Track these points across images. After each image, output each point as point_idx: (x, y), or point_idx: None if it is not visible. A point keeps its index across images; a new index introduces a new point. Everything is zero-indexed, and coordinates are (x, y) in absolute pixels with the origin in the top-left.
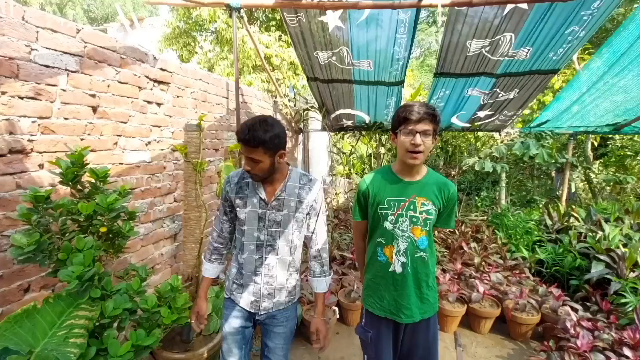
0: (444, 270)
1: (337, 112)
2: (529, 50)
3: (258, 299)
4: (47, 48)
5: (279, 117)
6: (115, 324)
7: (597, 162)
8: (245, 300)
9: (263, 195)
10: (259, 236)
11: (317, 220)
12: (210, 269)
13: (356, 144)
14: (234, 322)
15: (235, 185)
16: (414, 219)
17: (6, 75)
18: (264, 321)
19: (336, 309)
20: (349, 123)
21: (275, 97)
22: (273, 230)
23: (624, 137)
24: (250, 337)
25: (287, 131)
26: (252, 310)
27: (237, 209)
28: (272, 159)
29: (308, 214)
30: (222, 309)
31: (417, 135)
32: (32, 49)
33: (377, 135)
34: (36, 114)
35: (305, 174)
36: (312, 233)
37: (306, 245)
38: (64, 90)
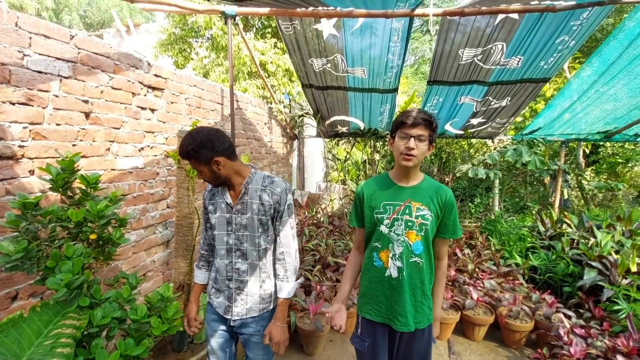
0: None
1: (332, 119)
2: (520, 59)
3: (230, 304)
4: (40, 54)
5: (274, 123)
6: (104, 333)
7: (589, 169)
8: (220, 304)
9: (229, 200)
10: (228, 240)
11: (281, 223)
12: (199, 275)
13: (351, 150)
14: (213, 325)
15: (209, 192)
16: (409, 223)
17: None
18: (240, 329)
19: None
20: (344, 129)
21: (270, 104)
22: (240, 234)
23: (615, 144)
24: (233, 343)
25: (282, 137)
26: (226, 316)
27: (210, 214)
28: (209, 167)
29: (273, 216)
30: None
31: (412, 139)
32: (25, 55)
33: (371, 142)
34: (27, 120)
35: (270, 176)
36: (277, 236)
37: None
38: (56, 96)
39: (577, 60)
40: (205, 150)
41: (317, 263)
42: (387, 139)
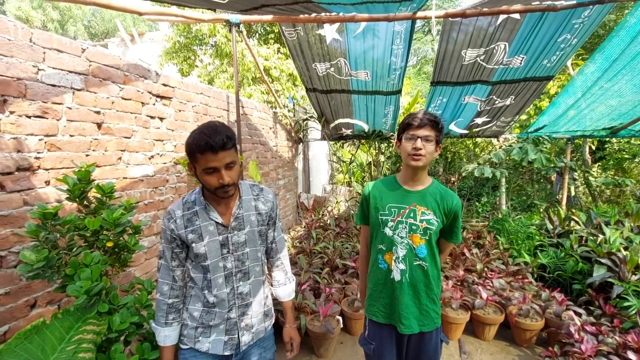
0: (446, 277)
1: (336, 122)
2: (523, 58)
3: (234, 336)
4: (53, 68)
5: (278, 127)
6: (122, 338)
7: (596, 165)
8: (215, 343)
9: (219, 219)
10: (226, 265)
11: (275, 229)
12: (171, 335)
13: (356, 152)
14: None
15: (181, 219)
16: (413, 227)
17: (14, 95)
18: (243, 357)
19: (340, 318)
20: (348, 132)
21: (275, 108)
22: (240, 254)
23: (621, 140)
24: None
25: (287, 141)
26: (228, 353)
27: (193, 244)
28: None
29: (268, 224)
30: None
31: (419, 140)
32: (39, 69)
33: (376, 143)
34: (43, 132)
35: (255, 184)
36: (272, 242)
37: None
38: (69, 108)
39: (581, 57)
40: None
41: (325, 266)
42: (391, 140)
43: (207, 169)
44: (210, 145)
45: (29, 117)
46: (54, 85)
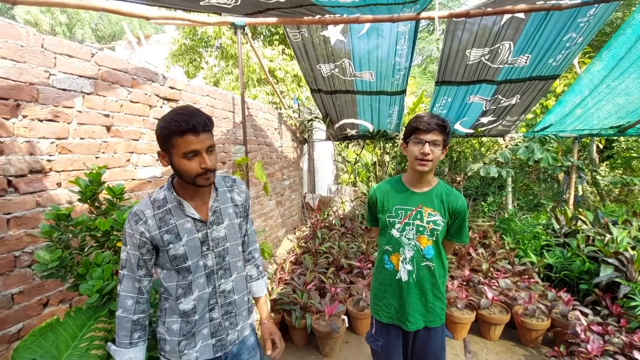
0: (452, 277)
1: (341, 122)
2: (528, 57)
3: (222, 337)
4: (64, 72)
5: (284, 128)
6: None
7: (604, 164)
8: (204, 349)
9: (196, 215)
10: (206, 263)
11: (248, 221)
12: (137, 356)
13: (360, 152)
14: None
15: (153, 219)
16: (420, 228)
17: (27, 99)
18: (235, 357)
19: (345, 318)
20: (353, 132)
21: (280, 109)
22: (220, 250)
23: (629, 138)
24: None
25: (292, 141)
26: (219, 354)
27: (170, 246)
28: None
29: (243, 216)
30: None
31: (426, 144)
32: (50, 74)
33: (381, 143)
34: (54, 135)
35: (226, 175)
36: (245, 235)
37: None
38: (79, 111)
39: (587, 55)
40: None
41: (330, 265)
42: (396, 140)
43: (187, 153)
44: (193, 125)
45: (41, 120)
46: (64, 90)
